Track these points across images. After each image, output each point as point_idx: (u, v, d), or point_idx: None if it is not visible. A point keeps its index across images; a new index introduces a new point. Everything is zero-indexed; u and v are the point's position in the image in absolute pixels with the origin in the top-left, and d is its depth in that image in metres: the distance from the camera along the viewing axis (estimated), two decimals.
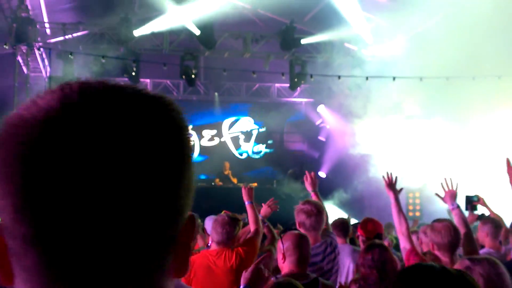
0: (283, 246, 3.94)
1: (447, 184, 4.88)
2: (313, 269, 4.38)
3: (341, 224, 6.37)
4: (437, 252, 4.18)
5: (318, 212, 4.73)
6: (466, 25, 11.62)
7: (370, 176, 15.06)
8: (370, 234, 5.63)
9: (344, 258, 5.74)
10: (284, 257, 3.92)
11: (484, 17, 11.33)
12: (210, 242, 5.27)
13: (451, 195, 4.82)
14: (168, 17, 14.63)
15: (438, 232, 4.21)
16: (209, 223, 5.69)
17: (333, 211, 15.99)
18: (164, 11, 14.46)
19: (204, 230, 6.39)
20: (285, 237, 4.01)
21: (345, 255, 5.77)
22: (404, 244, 4.42)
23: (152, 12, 14.69)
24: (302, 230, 4.57)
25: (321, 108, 19.22)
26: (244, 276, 3.03)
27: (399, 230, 4.51)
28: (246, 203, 5.25)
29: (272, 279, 3.39)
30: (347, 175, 16.66)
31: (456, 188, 4.87)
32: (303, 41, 15.55)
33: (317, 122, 19.91)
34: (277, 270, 4.17)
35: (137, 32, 14.82)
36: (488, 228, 5.77)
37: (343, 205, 16.58)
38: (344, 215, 14.62)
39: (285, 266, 3.94)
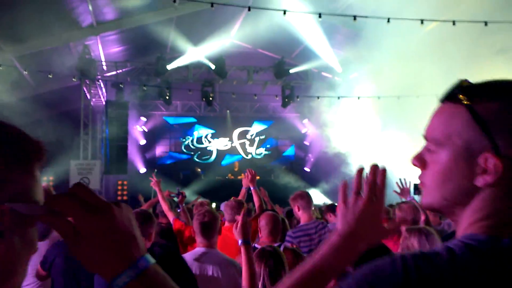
0: (259, 224, 3.87)
1: (402, 183, 4.70)
2: (307, 239, 4.29)
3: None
4: (402, 226, 3.96)
5: (308, 197, 4.56)
6: (410, 53, 11.26)
7: (343, 170, 14.91)
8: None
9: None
10: (260, 231, 3.85)
11: (423, 47, 11.07)
12: (223, 220, 5.02)
13: (405, 191, 4.67)
14: (190, 55, 14.72)
15: (404, 210, 4.21)
16: (223, 207, 5.40)
17: (320, 197, 16.28)
18: (187, 51, 14.57)
19: (220, 211, 6.23)
20: (261, 217, 3.91)
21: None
22: None
23: (179, 52, 14.72)
24: (300, 210, 4.48)
25: (305, 121, 19.10)
26: (237, 232, 2.55)
27: None
28: (252, 188, 4.91)
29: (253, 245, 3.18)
30: (327, 170, 16.46)
31: (409, 185, 4.69)
32: (292, 71, 15.48)
33: (303, 131, 19.65)
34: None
35: (169, 67, 14.89)
36: None
37: (326, 192, 16.71)
38: (328, 200, 14.74)
39: (262, 237, 3.86)
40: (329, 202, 11.14)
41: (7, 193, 0.67)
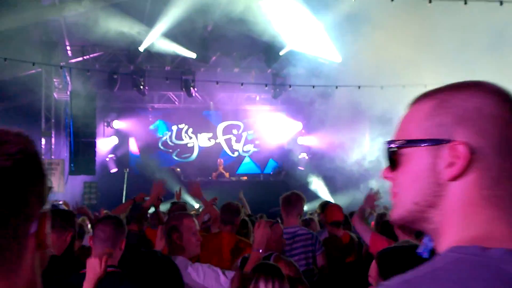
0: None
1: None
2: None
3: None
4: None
5: (288, 200, 4.77)
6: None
7: (338, 166, 15.26)
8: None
9: None
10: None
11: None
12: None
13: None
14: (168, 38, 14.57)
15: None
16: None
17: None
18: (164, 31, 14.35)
19: None
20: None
21: None
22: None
23: (155, 35, 14.44)
24: (283, 213, 4.74)
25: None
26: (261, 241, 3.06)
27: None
28: (200, 200, 5.43)
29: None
30: (322, 169, 16.70)
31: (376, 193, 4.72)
32: (282, 52, 15.32)
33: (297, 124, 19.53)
34: None
35: (143, 47, 14.62)
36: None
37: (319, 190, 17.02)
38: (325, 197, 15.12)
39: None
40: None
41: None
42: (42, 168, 0.89)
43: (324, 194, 16.70)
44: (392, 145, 0.95)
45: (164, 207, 7.37)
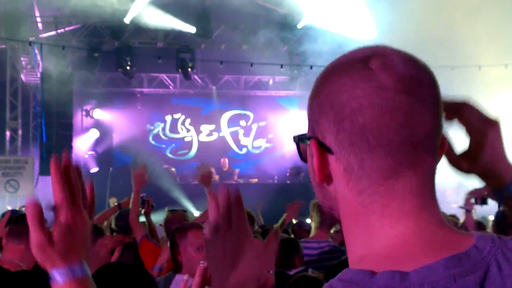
0: None
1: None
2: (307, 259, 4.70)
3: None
4: None
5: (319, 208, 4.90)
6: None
7: None
8: None
9: None
10: None
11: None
12: None
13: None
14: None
15: None
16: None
17: None
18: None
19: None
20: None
21: None
22: None
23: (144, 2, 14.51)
24: (312, 222, 5.07)
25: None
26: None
27: None
28: (209, 189, 5.24)
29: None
30: None
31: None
32: (300, 25, 15.34)
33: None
34: None
35: (128, 19, 14.58)
36: None
37: None
38: None
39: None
40: None
41: None
42: None
43: None
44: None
45: (157, 217, 7.27)
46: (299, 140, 1.01)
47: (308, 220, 6.37)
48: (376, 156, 0.87)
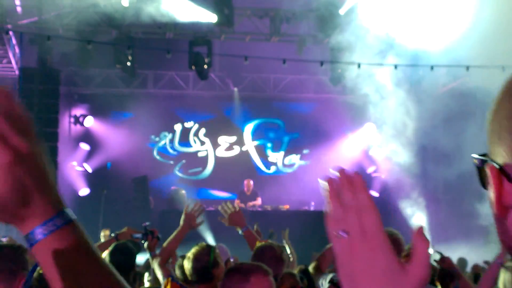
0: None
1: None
2: None
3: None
4: None
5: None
6: None
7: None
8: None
9: None
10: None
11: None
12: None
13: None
14: None
15: None
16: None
17: None
18: None
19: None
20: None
21: None
22: None
23: None
24: None
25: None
26: None
27: None
28: (243, 229, 5.72)
29: None
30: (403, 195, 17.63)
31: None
32: (342, 11, 15.51)
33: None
34: None
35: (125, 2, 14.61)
36: None
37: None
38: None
39: None
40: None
41: None
42: None
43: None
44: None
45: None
46: (481, 162, 1.03)
47: None
48: None
